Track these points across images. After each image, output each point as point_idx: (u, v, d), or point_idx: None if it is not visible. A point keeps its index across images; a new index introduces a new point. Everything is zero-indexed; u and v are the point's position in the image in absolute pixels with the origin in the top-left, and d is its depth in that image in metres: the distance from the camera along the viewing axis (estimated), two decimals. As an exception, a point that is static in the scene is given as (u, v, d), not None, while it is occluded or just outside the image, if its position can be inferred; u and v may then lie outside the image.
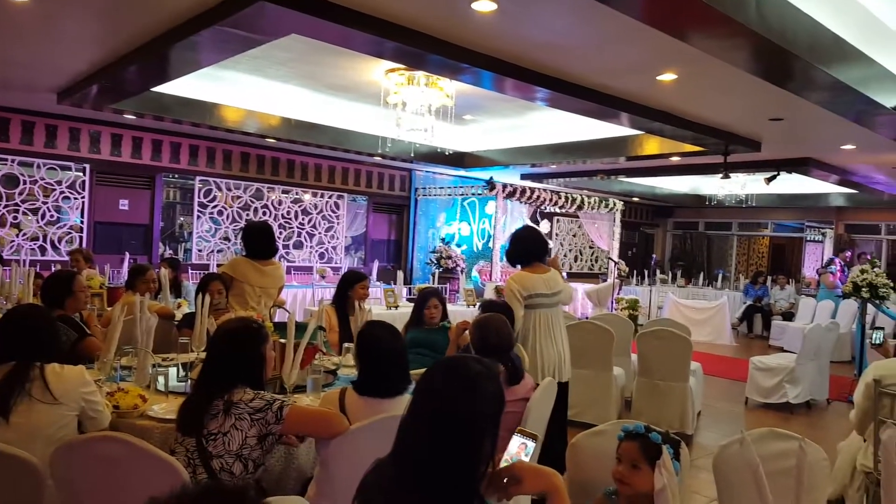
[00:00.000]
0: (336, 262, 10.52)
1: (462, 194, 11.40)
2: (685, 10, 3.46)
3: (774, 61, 4.19)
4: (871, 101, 4.87)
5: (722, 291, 13.02)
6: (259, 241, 4.60)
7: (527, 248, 4.11)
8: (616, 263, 11.61)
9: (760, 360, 6.77)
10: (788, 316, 11.59)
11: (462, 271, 10.33)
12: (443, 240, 11.61)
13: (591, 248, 14.40)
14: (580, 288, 11.10)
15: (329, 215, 10.59)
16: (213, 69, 6.06)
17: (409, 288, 9.20)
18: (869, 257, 9.27)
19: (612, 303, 9.89)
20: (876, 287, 6.72)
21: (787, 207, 13.96)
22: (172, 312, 4.84)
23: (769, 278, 12.86)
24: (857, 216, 13.98)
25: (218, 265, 8.13)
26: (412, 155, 7.97)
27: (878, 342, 4.48)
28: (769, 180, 9.30)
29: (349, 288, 4.44)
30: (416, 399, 1.47)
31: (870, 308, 7.31)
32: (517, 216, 12.92)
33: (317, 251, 10.44)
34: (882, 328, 4.84)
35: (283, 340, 3.08)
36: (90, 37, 5.04)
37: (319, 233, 10.48)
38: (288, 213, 10.09)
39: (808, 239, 14.86)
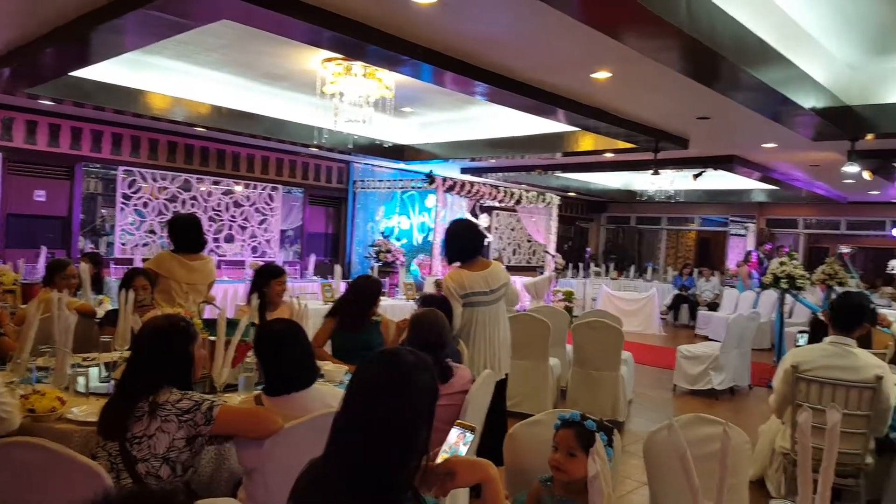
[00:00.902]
0: (270, 256, 10.27)
1: (402, 188, 11.34)
2: (619, 9, 3.53)
3: (703, 62, 4.33)
4: (790, 101, 5.11)
5: (651, 283, 13.47)
6: (186, 235, 4.42)
7: (463, 245, 3.97)
8: (553, 257, 11.83)
9: (687, 348, 7.04)
10: (713, 306, 12.11)
11: (402, 265, 10.28)
12: (382, 233, 11.53)
13: (528, 241, 14.62)
14: (518, 281, 11.24)
15: (262, 208, 10.33)
16: (139, 54, 5.81)
17: (348, 282, 9.10)
18: (787, 250, 9.76)
19: (549, 295, 10.07)
20: (794, 278, 7.08)
21: (713, 203, 14.55)
22: (93, 310, 4.61)
23: (695, 270, 13.40)
24: (778, 211, 14.72)
25: (143, 260, 7.80)
26: (350, 147, 7.87)
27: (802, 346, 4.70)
28: (696, 177, 9.69)
29: (265, 284, 4.12)
30: (349, 394, 1.44)
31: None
32: (457, 210, 12.96)
33: (249, 245, 10.16)
34: (806, 331, 5.10)
35: (213, 338, 2.98)
36: (2, 16, 4.73)
37: (252, 226, 10.20)
38: (218, 205, 9.78)
39: (732, 233, 15.55)
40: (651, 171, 8.51)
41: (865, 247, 14.91)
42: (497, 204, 12.21)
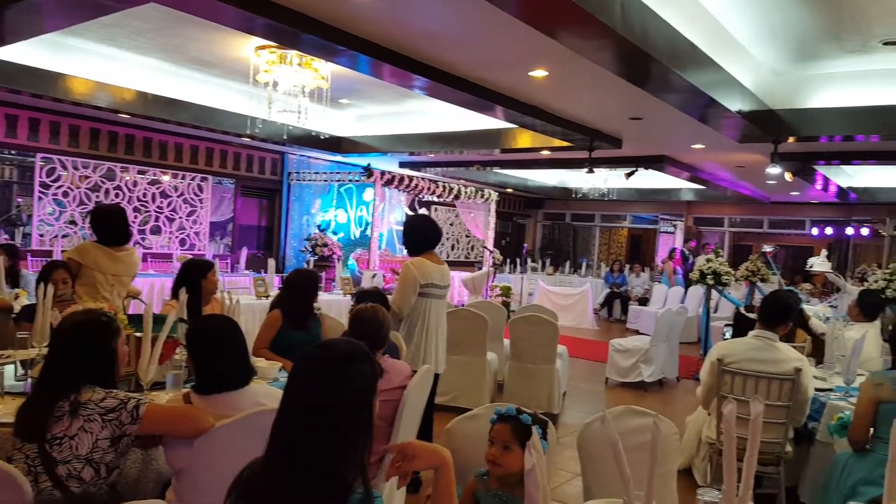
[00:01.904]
0: (199, 249, 9.93)
1: (339, 180, 11.16)
2: (556, 8, 3.57)
3: (635, 63, 4.44)
4: (718, 104, 5.31)
5: (586, 279, 13.80)
6: (111, 226, 4.22)
7: (424, 237, 4.10)
8: (491, 252, 11.93)
9: (619, 342, 7.24)
10: (644, 301, 12.51)
11: (339, 259, 10.14)
12: (318, 227, 11.34)
13: (467, 237, 14.70)
14: (457, 276, 11.29)
15: (191, 198, 9.96)
16: (60, 36, 5.50)
17: (282, 277, 8.91)
18: (713, 247, 10.17)
19: (487, 290, 10.15)
20: (719, 275, 7.38)
21: (644, 201, 15.02)
22: (10, 304, 4.33)
23: (627, 266, 13.82)
24: (705, 210, 15.33)
25: (63, 251, 7.41)
26: (284, 137, 7.68)
27: (728, 339, 4.92)
28: (628, 175, 9.96)
29: (202, 277, 3.95)
30: (287, 389, 1.43)
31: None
32: (395, 204, 12.90)
33: (177, 237, 9.79)
34: (731, 325, 5.32)
35: (138, 334, 2.85)
36: None
37: (180, 217, 9.83)
38: (144, 195, 9.37)
39: (662, 230, 16.09)
40: (586, 170, 8.70)
41: (786, 245, 15.72)
42: (436, 199, 12.21)
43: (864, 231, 13.16)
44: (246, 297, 6.66)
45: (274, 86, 5.77)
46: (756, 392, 3.39)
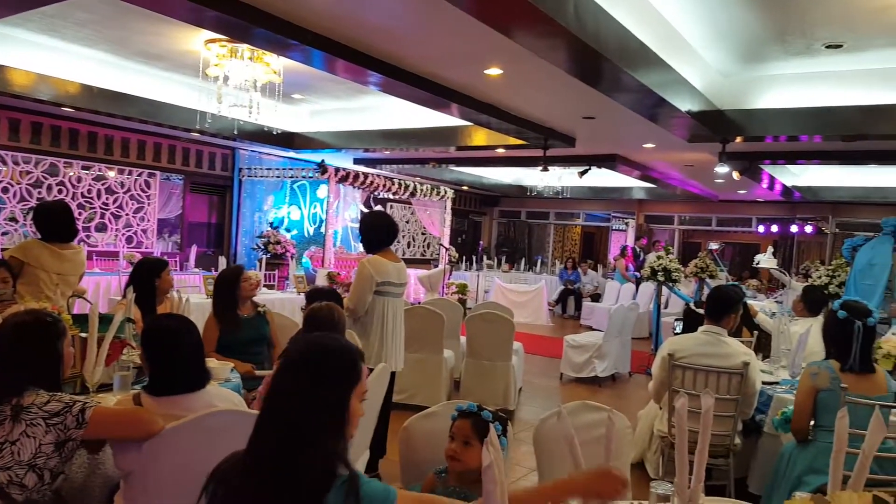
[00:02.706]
0: (147, 247, 9.64)
1: (292, 177, 10.99)
2: (509, 6, 3.58)
3: (588, 63, 4.49)
4: (668, 104, 5.42)
5: (540, 276, 13.96)
6: (56, 223, 4.08)
7: (381, 235, 4.05)
8: (447, 249, 11.95)
9: (573, 338, 7.35)
10: (596, 297, 12.72)
11: (292, 257, 9.99)
12: (271, 224, 11.15)
13: (423, 234, 14.68)
14: (413, 274, 11.27)
15: (138, 195, 9.65)
16: (-4, 24, 5.25)
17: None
18: (663, 245, 10.41)
19: (444, 287, 10.16)
20: (669, 271, 7.55)
21: (597, 199, 15.27)
22: (-57, 306, 4.13)
23: (581, 263, 14.04)
24: (655, 208, 15.68)
25: (3, 249, 7.09)
26: (235, 132, 7.52)
27: (679, 333, 5.04)
28: (582, 174, 10.11)
29: (156, 276, 3.85)
30: (274, 384, 1.48)
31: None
32: (350, 201, 12.78)
33: (124, 234, 9.49)
34: (682, 320, 5.44)
35: (83, 335, 2.75)
36: None
37: (127, 214, 9.52)
38: (89, 191, 9.04)
39: (614, 228, 16.39)
40: (540, 168, 8.78)
41: (734, 242, 16.20)
42: (391, 196, 12.16)
43: (808, 228, 13.67)
44: (196, 295, 6.50)
45: (224, 80, 5.64)
46: (706, 386, 3.48)
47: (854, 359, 3.07)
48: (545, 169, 8.81)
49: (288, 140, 9.31)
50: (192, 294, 6.07)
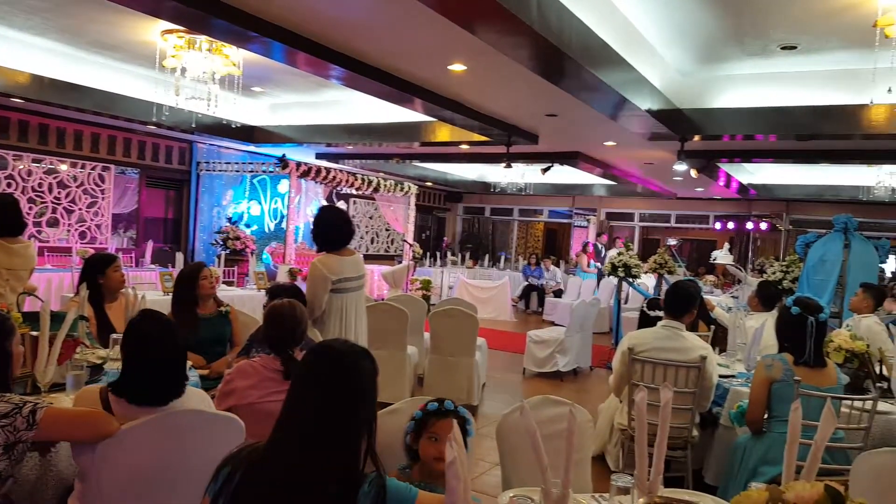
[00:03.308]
0: (101, 243, 9.37)
1: (252, 171, 10.81)
2: (473, 2, 3.58)
3: (551, 61, 4.52)
4: (629, 102, 5.50)
5: (504, 272, 14.03)
6: (3, 216, 3.94)
7: (334, 233, 3.85)
8: (411, 246, 11.92)
9: (536, 333, 7.41)
10: (559, 293, 12.86)
11: (252, 253, 9.82)
12: (230, 219, 10.95)
13: (387, 230, 14.62)
14: (377, 270, 11.21)
15: (92, 189, 9.37)
16: (-62, 9, 5.02)
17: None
18: (623, 241, 10.57)
19: (407, 284, 10.13)
20: (630, 267, 7.67)
21: (559, 196, 15.44)
22: None
23: (544, 259, 14.16)
24: (616, 205, 15.92)
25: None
26: (193, 126, 7.36)
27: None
28: (545, 171, 10.19)
29: (99, 274, 3.72)
30: (296, 384, 1.55)
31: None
32: (312, 196, 12.64)
33: (77, 230, 9.21)
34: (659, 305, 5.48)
35: (34, 333, 2.66)
36: None
37: (80, 209, 9.24)
38: (40, 185, 8.74)
39: (576, 224, 16.59)
40: (504, 165, 8.82)
41: (691, 238, 16.55)
42: (354, 191, 12.06)
43: (763, 225, 14.05)
44: (152, 292, 6.34)
45: (182, 72, 5.51)
46: (665, 380, 3.54)
47: (809, 354, 3.16)
48: (508, 165, 8.85)
49: (248, 134, 9.15)
50: (148, 291, 5.92)
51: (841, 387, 3.23)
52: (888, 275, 10.52)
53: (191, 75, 5.51)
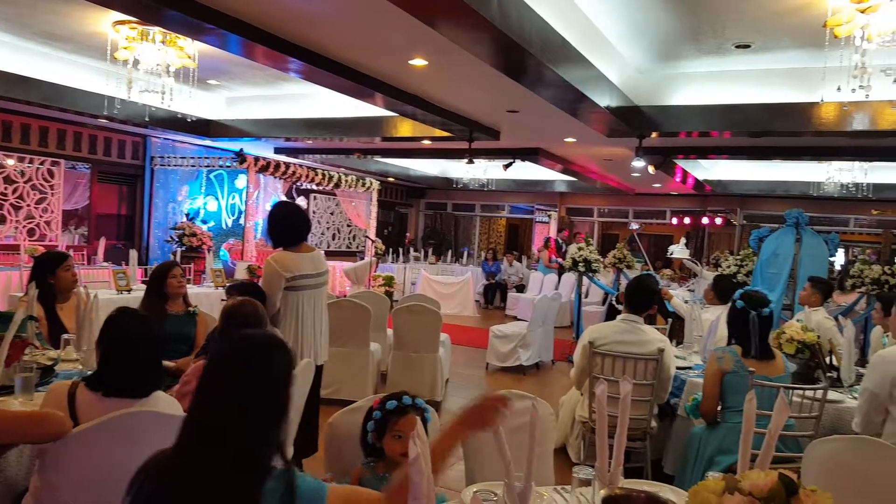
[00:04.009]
0: (51, 240, 9.07)
1: (208, 166, 10.58)
2: (435, -4, 3.57)
3: (512, 57, 4.53)
4: (588, 99, 5.55)
5: (467, 267, 14.07)
6: None
7: (289, 229, 3.78)
8: (373, 242, 11.85)
9: (498, 328, 7.45)
10: (521, 288, 12.95)
11: (209, 250, 9.62)
12: (186, 215, 10.70)
13: (348, 226, 14.50)
14: (339, 266, 11.12)
15: (41, 185, 9.04)
16: None
17: (146, 269, 8.34)
18: (584, 236, 10.69)
19: (370, 280, 10.07)
20: (590, 262, 7.76)
21: (521, 192, 15.54)
22: None
23: (507, 255, 14.25)
24: (576, 200, 16.11)
25: None
26: (146, 119, 7.15)
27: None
28: (506, 167, 10.24)
29: (49, 273, 3.64)
30: (206, 379, 1.45)
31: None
32: (271, 192, 12.46)
33: (25, 227, 8.89)
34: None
35: (-20, 334, 2.56)
36: None
37: (28, 205, 8.91)
38: (-14, 181, 8.44)
39: (537, 220, 16.73)
40: (466, 160, 8.83)
41: (649, 233, 16.86)
42: (315, 187, 11.93)
43: (718, 220, 14.40)
44: (105, 291, 6.17)
45: (135, 64, 5.35)
46: (624, 372, 3.59)
47: (755, 347, 3.25)
48: (471, 161, 8.86)
49: (203, 128, 8.94)
50: (101, 290, 5.75)
51: (789, 375, 3.33)
52: (837, 268, 10.88)
53: (144, 68, 5.36)
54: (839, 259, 13.22)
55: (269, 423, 1.42)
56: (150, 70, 5.36)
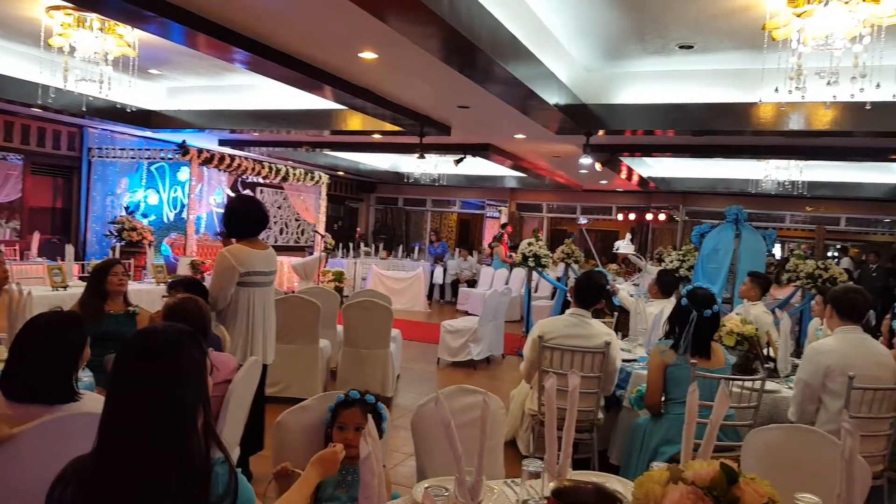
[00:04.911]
0: (-18, 235, 8.64)
1: (149, 158, 10.22)
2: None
3: (461, 52, 4.53)
4: (537, 96, 5.61)
5: (418, 262, 14.05)
6: None
7: (248, 222, 3.74)
8: (322, 236, 11.69)
9: (450, 323, 7.47)
10: (472, 283, 13.02)
11: (150, 244, 9.30)
12: (126, 209, 10.33)
13: (297, 220, 14.27)
14: (287, 262, 10.92)
15: (-30, 177, 8.61)
16: None
17: (83, 265, 8.01)
18: (542, 233, 10.82)
19: (319, 275, 9.94)
20: (539, 257, 7.85)
21: (472, 187, 15.61)
22: None
23: (461, 250, 14.30)
24: (526, 196, 16.28)
25: None
26: (83, 109, 6.86)
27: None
28: (457, 162, 10.26)
29: None
30: (115, 380, 1.39)
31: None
32: (216, 185, 12.15)
33: (-47, 221, 8.44)
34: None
35: None
36: None
37: (-43, 199, 8.47)
38: None
39: (488, 215, 16.84)
40: (417, 155, 8.80)
41: (595, 229, 17.17)
42: (261, 180, 11.68)
43: (662, 216, 14.79)
44: (40, 287, 5.90)
45: (71, 52, 5.12)
46: (572, 365, 3.65)
47: (686, 345, 3.28)
48: (422, 156, 8.84)
49: (144, 118, 8.64)
50: (35, 286, 5.50)
51: (729, 367, 3.44)
52: (773, 261, 11.33)
53: (81, 56, 5.13)
54: (776, 254, 13.75)
55: (187, 418, 1.37)
56: (88, 58, 5.14)
